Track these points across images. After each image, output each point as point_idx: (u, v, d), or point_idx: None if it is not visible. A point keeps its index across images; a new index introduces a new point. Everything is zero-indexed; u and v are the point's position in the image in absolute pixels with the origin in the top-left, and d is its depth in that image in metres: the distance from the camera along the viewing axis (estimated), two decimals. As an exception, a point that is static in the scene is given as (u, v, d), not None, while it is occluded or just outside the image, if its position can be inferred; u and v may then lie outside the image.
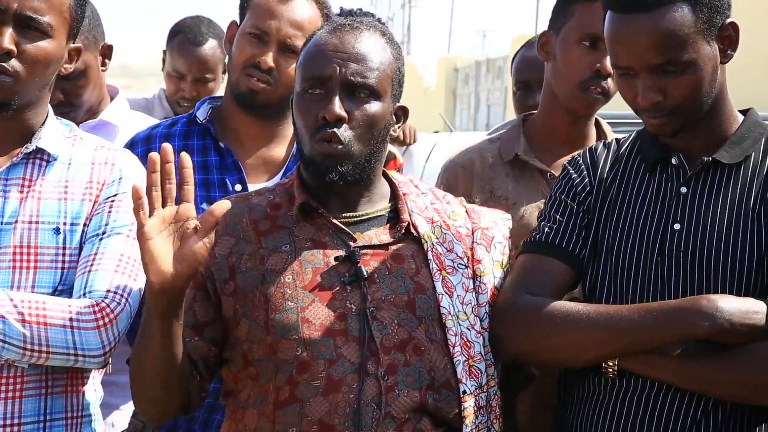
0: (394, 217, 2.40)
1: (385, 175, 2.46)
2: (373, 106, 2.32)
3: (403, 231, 2.38)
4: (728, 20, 2.35)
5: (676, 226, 2.36)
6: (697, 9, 2.29)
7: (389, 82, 2.36)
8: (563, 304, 2.34)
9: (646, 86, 2.32)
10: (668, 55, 2.29)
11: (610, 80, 2.90)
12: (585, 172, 2.50)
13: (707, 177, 2.38)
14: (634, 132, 2.53)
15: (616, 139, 2.57)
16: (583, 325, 2.29)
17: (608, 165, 2.50)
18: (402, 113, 2.42)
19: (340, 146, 2.29)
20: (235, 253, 2.33)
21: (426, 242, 2.38)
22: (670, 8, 2.28)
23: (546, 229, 2.47)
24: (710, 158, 2.38)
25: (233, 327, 2.31)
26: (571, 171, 2.52)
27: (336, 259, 2.31)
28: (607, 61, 2.82)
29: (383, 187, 2.44)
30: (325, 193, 2.36)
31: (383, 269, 2.32)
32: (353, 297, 2.29)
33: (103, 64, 3.55)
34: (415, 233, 2.38)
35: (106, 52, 3.54)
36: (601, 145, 2.55)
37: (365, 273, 2.29)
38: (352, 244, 2.33)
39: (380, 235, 2.36)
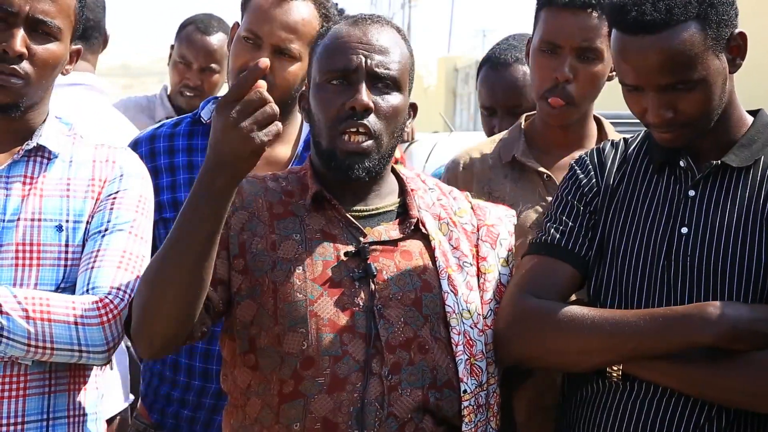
0: (402, 212, 2.40)
1: (393, 170, 2.46)
2: (396, 98, 2.34)
3: (412, 227, 2.37)
4: (736, 30, 2.31)
5: (684, 230, 2.34)
6: (705, 26, 2.25)
7: (407, 76, 2.38)
8: (569, 309, 2.33)
9: (656, 104, 2.29)
10: (678, 75, 2.25)
11: (571, 85, 2.86)
12: (592, 173, 2.48)
13: (716, 180, 2.36)
14: (642, 132, 2.50)
15: (624, 138, 2.54)
16: (588, 330, 2.28)
17: (616, 166, 2.47)
18: (412, 110, 2.44)
19: (371, 141, 2.29)
20: (247, 230, 2.31)
21: (433, 239, 2.37)
22: (679, 28, 2.24)
23: (552, 230, 2.45)
24: (719, 161, 2.35)
25: (235, 305, 2.30)
26: (578, 171, 2.50)
27: (346, 254, 2.30)
28: (566, 68, 2.85)
29: (392, 182, 2.44)
30: (338, 184, 2.36)
31: (392, 266, 2.32)
32: (361, 293, 2.29)
33: None
34: (423, 230, 2.38)
35: None
36: (609, 144, 2.53)
37: (374, 270, 2.29)
38: (362, 239, 2.33)
39: (390, 230, 2.36)
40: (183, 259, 2.14)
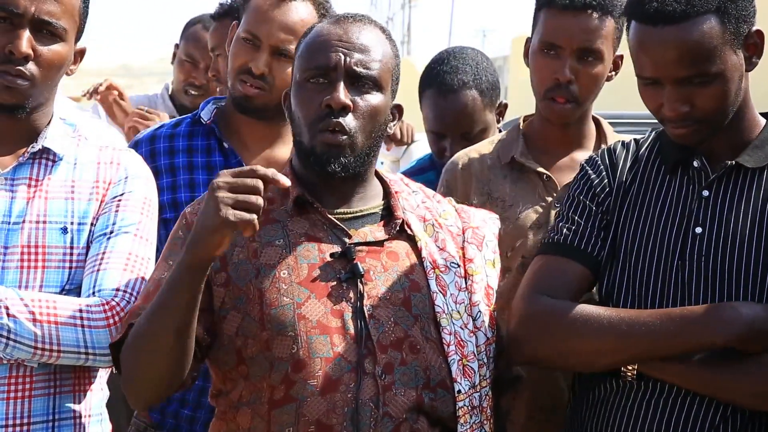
0: (387, 214, 2.39)
1: (377, 174, 2.45)
2: (376, 98, 2.32)
3: (398, 228, 2.36)
4: (754, 28, 2.32)
5: (698, 230, 2.34)
6: (724, 20, 2.26)
7: (390, 76, 2.36)
8: (582, 308, 2.32)
9: (673, 97, 2.29)
10: (696, 68, 2.26)
11: (574, 86, 2.87)
12: (604, 173, 2.48)
13: (729, 181, 2.36)
14: (653, 132, 2.50)
15: (635, 139, 2.54)
16: (602, 330, 2.28)
17: (627, 166, 2.47)
18: (397, 111, 2.42)
19: (345, 137, 2.28)
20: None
21: (420, 240, 2.36)
22: (698, 20, 2.25)
23: (564, 230, 2.45)
24: (733, 162, 2.35)
25: (220, 320, 2.28)
26: (590, 171, 2.50)
27: (332, 255, 2.29)
28: (566, 69, 2.85)
29: (376, 185, 2.42)
30: (319, 187, 2.35)
31: (378, 267, 2.31)
32: (349, 294, 2.27)
33: None
34: (408, 231, 2.37)
35: None
36: (620, 145, 2.52)
37: (361, 270, 2.28)
38: (347, 240, 2.31)
39: (375, 232, 2.35)
40: (163, 328, 2.18)
